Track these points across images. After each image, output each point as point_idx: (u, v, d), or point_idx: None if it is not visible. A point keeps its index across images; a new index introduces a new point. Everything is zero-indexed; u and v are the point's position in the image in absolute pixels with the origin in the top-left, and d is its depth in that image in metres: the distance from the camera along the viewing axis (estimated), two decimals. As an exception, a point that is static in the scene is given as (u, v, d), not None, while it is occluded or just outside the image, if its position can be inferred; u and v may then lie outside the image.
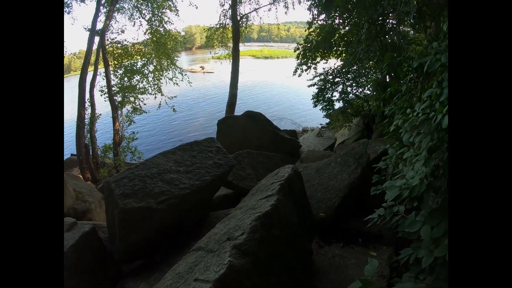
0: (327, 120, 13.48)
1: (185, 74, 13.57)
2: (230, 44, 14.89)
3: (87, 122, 11.06)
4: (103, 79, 11.83)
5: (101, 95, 11.81)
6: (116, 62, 12.25)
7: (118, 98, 11.54)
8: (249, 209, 2.45)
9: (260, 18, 18.49)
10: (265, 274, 2.04)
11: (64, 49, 12.00)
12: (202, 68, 41.85)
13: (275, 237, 2.24)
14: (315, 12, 8.49)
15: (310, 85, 9.65)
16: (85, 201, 5.46)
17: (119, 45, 12.35)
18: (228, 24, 14.51)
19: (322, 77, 9.48)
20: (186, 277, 1.98)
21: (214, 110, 20.70)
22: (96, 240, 3.32)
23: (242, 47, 15.45)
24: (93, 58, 11.63)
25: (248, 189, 4.86)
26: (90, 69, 11.49)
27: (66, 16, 11.40)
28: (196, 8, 13.37)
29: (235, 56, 13.08)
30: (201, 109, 21.49)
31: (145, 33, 12.69)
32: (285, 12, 17.93)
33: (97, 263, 3.20)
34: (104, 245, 3.40)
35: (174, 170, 3.33)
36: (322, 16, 8.52)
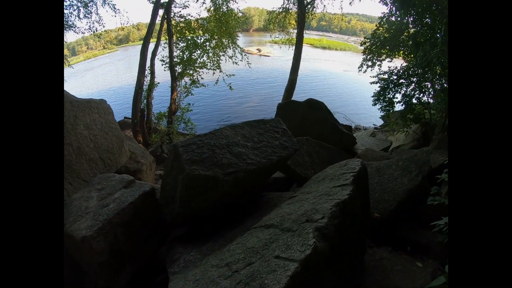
0: (381, 122, 13.09)
1: (245, 55, 13.73)
2: (291, 30, 14.81)
3: (145, 89, 11.54)
4: (163, 49, 12.23)
5: (162, 65, 12.28)
6: (178, 35, 12.54)
7: (178, 69, 11.96)
8: (322, 194, 2.52)
9: (324, 6, 18.08)
10: (334, 262, 2.09)
11: (127, 20, 12.79)
12: (259, 50, 41.96)
13: (347, 226, 2.29)
14: (391, 6, 8.27)
15: (373, 82, 9.47)
16: (138, 161, 5.73)
17: (182, 19, 12.58)
18: (291, 8, 14.40)
19: (386, 76, 9.26)
20: (262, 253, 2.04)
21: (268, 93, 20.84)
22: (153, 201, 3.44)
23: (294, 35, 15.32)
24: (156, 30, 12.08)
25: (303, 176, 5.01)
26: (152, 40, 11.92)
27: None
28: None
29: (299, 42, 12.99)
30: (255, 90, 21.69)
31: (208, 10, 12.87)
32: (350, 3, 17.47)
33: (149, 223, 3.36)
34: (158, 207, 3.51)
35: (242, 144, 3.37)
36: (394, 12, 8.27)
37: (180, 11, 12.51)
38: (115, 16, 12.65)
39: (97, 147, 4.52)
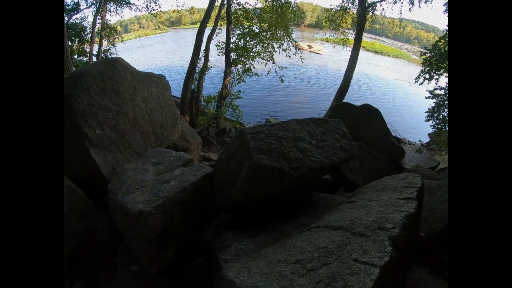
0: (427, 138, 12.53)
1: (299, 49, 13.57)
2: (346, 30, 14.45)
3: (197, 70, 11.75)
4: (216, 35, 12.39)
5: (217, 50, 12.44)
6: (235, 22, 12.64)
7: (233, 56, 12.05)
8: (388, 204, 2.55)
9: (383, 9, 17.58)
10: (396, 272, 2.13)
11: (183, 3, 13.02)
12: (310, 47, 41.29)
13: (407, 239, 2.29)
14: None
15: (428, 97, 9.04)
16: (187, 141, 5.79)
17: (239, 6, 12.70)
18: (350, 8, 14.11)
19: (443, 92, 8.80)
20: (337, 254, 2.08)
21: (315, 92, 20.57)
22: (211, 183, 3.47)
23: (353, 35, 14.97)
24: (213, 15, 12.26)
25: (351, 181, 4.96)
26: (209, 25, 12.15)
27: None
28: None
29: (357, 44, 12.66)
30: (303, 87, 21.53)
31: (266, 1, 12.89)
32: (409, 9, 16.86)
33: (203, 205, 3.41)
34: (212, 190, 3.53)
35: (307, 140, 3.35)
36: None
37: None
38: None
39: (151, 121, 4.57)
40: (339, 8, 14.43)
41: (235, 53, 12.23)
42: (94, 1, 17.37)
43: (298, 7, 13.89)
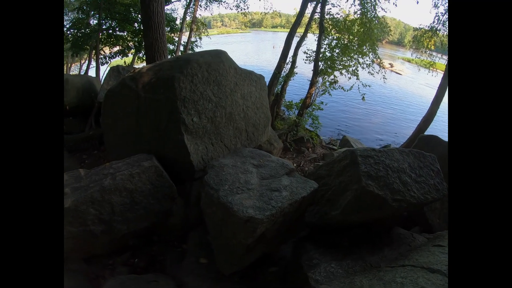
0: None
1: (382, 68, 12.91)
2: (434, 53, 13.44)
3: (283, 75, 11.67)
4: (304, 43, 12.21)
5: (306, 57, 12.25)
6: (328, 32, 12.30)
7: (321, 66, 11.80)
8: None
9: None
10: None
11: (270, 6, 13.03)
12: (391, 65, 39.07)
13: None
14: None
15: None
16: (271, 144, 5.73)
17: (328, 16, 12.27)
18: (440, 30, 13.13)
19: None
20: None
21: (393, 115, 19.43)
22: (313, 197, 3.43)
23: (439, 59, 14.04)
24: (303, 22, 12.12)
25: (430, 223, 4.44)
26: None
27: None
28: (417, 3, 12.33)
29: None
30: (380, 108, 20.48)
31: (355, 13, 12.30)
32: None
33: (297, 217, 3.35)
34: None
35: (407, 173, 3.20)
36: None
37: (330, 9, 12.29)
38: (260, 0, 13.10)
39: (246, 119, 4.47)
40: (428, 28, 13.47)
41: (323, 63, 11.88)
42: None
43: (386, 23, 13.14)
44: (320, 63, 11.67)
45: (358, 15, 12.13)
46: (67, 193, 3.23)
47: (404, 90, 26.21)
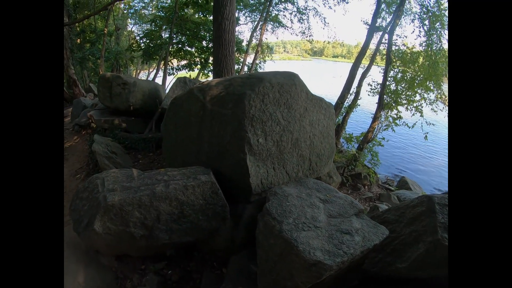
0: None
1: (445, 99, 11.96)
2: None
3: (345, 105, 11.40)
4: (369, 75, 11.84)
5: (371, 90, 11.80)
6: (394, 64, 11.70)
7: (385, 99, 11.28)
8: None
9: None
10: None
11: (334, 35, 12.84)
12: None
13: None
14: None
15: None
16: (330, 177, 5.52)
17: (394, 47, 11.72)
18: None
19: None
20: None
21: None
22: None
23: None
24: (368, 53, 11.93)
25: None
26: (365, 62, 11.70)
27: (338, 7, 12.35)
28: None
29: None
30: (441, 148, 18.97)
31: (420, 45, 11.80)
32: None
33: (360, 265, 3.01)
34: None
35: None
36: None
37: (396, 39, 11.78)
38: (323, 29, 13.23)
39: (311, 147, 4.12)
40: None
41: (387, 96, 11.26)
42: (251, 20, 18.78)
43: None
44: (384, 96, 11.12)
45: (424, 47, 11.62)
46: (116, 189, 3.06)
47: None
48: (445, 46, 11.54)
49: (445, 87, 11.91)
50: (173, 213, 3.19)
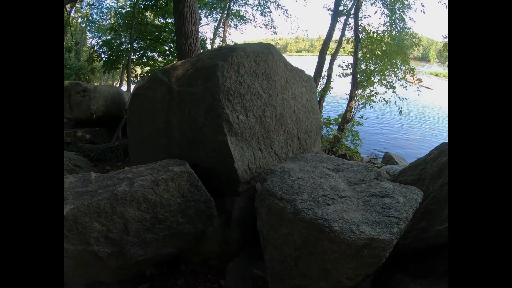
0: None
1: (417, 79, 12.24)
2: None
3: (318, 90, 11.12)
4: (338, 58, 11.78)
5: (341, 73, 11.68)
6: (361, 45, 11.89)
7: (359, 78, 11.17)
8: None
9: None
10: None
11: (297, 26, 12.97)
12: (420, 80, 37.82)
13: None
14: None
15: None
16: None
17: (361, 28, 11.88)
18: None
19: None
20: None
21: (430, 130, 18.01)
22: None
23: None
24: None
25: None
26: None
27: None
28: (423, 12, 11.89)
29: None
30: (416, 123, 19.03)
31: (384, 25, 11.93)
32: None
33: None
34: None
35: None
36: None
37: (361, 19, 11.95)
38: (286, 21, 13.27)
39: (297, 123, 3.53)
40: None
41: (360, 75, 11.24)
42: (213, 20, 18.23)
43: (416, 33, 12.28)
44: (358, 75, 11.05)
45: (388, 27, 11.73)
46: (67, 198, 2.31)
47: (439, 105, 24.60)
48: (408, 24, 11.77)
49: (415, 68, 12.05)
50: (144, 219, 2.47)
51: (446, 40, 13.05)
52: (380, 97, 11.19)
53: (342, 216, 1.92)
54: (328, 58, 11.79)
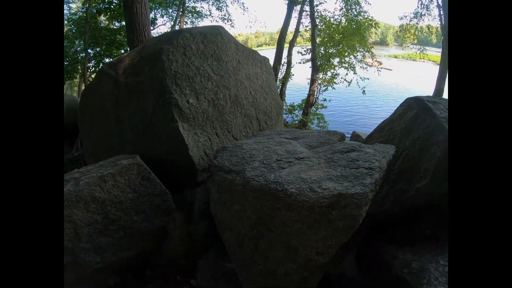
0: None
1: (376, 60, 12.51)
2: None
3: (279, 78, 11.12)
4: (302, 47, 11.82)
5: (301, 60, 11.75)
6: (318, 30, 12.02)
7: (318, 62, 11.26)
8: None
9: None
10: None
11: (255, 19, 13.07)
12: (380, 63, 38.86)
13: None
14: None
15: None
16: None
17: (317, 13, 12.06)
18: (425, 14, 12.59)
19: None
20: None
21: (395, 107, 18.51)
22: None
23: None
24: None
25: None
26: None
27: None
28: None
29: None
30: (382, 103, 19.40)
31: (340, 10, 12.15)
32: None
33: None
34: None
35: None
36: None
37: (317, 5, 12.12)
38: (243, 14, 13.42)
39: (255, 104, 3.37)
40: (413, 15, 12.66)
41: (320, 59, 11.40)
42: (169, 19, 17.74)
43: (372, 17, 12.54)
44: (317, 60, 11.15)
45: (344, 12, 11.87)
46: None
47: (402, 84, 25.39)
48: (365, 8, 11.94)
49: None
50: (94, 221, 2.22)
51: (402, 21, 13.39)
52: (341, 78, 11.30)
53: (299, 176, 1.70)
54: (287, 47, 11.85)
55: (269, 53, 11.79)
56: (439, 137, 2.09)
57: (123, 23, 12.19)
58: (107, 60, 13.76)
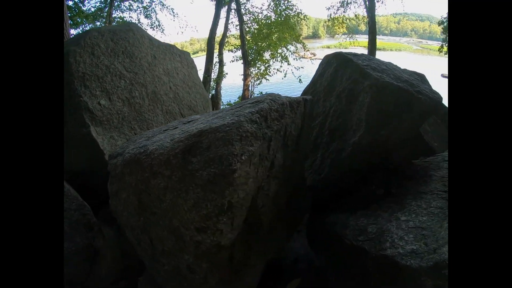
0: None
1: (308, 50, 12.91)
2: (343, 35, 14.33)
3: (213, 78, 11.06)
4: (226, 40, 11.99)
5: (233, 58, 11.61)
6: (247, 26, 12.20)
7: (251, 55, 11.51)
8: None
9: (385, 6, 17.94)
10: None
11: (185, 24, 12.82)
12: (314, 55, 40.48)
13: None
14: None
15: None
16: None
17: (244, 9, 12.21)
18: (351, 2, 13.19)
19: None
20: None
21: None
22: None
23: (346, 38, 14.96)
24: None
25: (430, 146, 3.34)
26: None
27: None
28: None
29: (372, 43, 11.32)
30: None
31: (268, 6, 12.39)
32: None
33: (300, 183, 2.14)
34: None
35: (400, 71, 2.37)
36: None
37: (245, 2, 12.26)
38: (173, 20, 13.23)
39: (177, 100, 3.22)
40: (339, 5, 12.98)
41: (251, 55, 11.59)
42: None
43: (301, 10, 12.90)
44: (248, 56, 11.24)
45: (272, 6, 12.07)
46: None
47: None
48: (294, 2, 12.31)
49: (300, 46, 12.63)
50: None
51: (330, 11, 13.80)
52: (275, 69, 11.50)
53: (171, 134, 1.47)
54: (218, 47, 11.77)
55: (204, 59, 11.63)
56: (365, 83, 1.99)
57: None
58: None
